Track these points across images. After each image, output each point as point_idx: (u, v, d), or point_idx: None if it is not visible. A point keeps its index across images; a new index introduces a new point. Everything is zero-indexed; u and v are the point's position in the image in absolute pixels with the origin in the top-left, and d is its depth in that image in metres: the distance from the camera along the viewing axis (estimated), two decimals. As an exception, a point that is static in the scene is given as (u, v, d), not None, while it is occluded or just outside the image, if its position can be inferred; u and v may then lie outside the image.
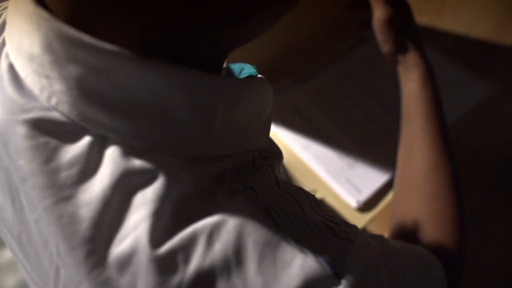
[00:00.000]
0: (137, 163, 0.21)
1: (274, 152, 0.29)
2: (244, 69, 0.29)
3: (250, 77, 0.27)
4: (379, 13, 0.49)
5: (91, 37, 0.20)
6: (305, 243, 0.23)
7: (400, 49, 0.50)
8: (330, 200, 0.57)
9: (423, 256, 0.33)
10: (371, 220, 0.56)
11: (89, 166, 0.21)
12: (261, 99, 0.26)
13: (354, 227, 0.27)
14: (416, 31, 0.51)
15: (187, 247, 0.21)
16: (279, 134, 0.62)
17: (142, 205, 0.21)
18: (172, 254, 0.20)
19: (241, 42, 0.24)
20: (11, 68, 0.23)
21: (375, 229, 0.55)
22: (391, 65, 0.52)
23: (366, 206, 0.57)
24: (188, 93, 0.21)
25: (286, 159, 0.60)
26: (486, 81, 0.71)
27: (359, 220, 0.55)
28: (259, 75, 0.28)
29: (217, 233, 0.21)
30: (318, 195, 0.57)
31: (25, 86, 0.22)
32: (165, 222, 0.21)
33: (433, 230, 0.41)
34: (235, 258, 0.21)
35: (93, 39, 0.20)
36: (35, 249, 0.24)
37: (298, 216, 0.24)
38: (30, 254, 0.25)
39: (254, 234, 0.21)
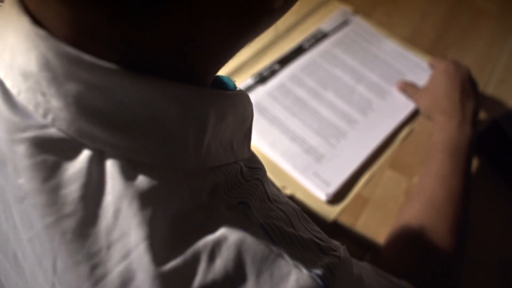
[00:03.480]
0: (137, 178, 0.22)
1: (257, 163, 0.30)
2: (223, 80, 0.30)
3: (234, 90, 0.28)
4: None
5: (90, 55, 0.20)
6: (298, 258, 0.24)
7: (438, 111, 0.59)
8: (300, 195, 0.57)
9: None
10: (342, 212, 0.56)
11: (90, 182, 0.22)
12: (243, 112, 0.27)
13: (337, 244, 0.28)
14: (465, 97, 0.60)
15: (190, 263, 0.22)
16: (244, 134, 0.62)
17: (143, 221, 0.21)
18: (176, 271, 0.21)
19: (232, 55, 0.26)
20: (1, 85, 0.23)
21: (346, 220, 0.56)
22: (428, 112, 0.63)
23: (336, 198, 0.57)
24: (182, 108, 0.22)
25: (254, 159, 0.60)
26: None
27: (330, 212, 0.56)
28: (238, 88, 0.29)
29: (218, 249, 0.22)
30: (288, 192, 0.57)
31: (18, 103, 0.22)
32: (166, 238, 0.22)
33: (424, 262, 0.44)
34: (235, 274, 0.22)
35: (92, 58, 0.20)
36: (30, 266, 0.25)
37: (290, 232, 0.25)
38: (26, 271, 0.25)
39: (253, 251, 0.23)
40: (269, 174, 0.58)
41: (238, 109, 0.26)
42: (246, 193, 0.26)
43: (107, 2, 0.19)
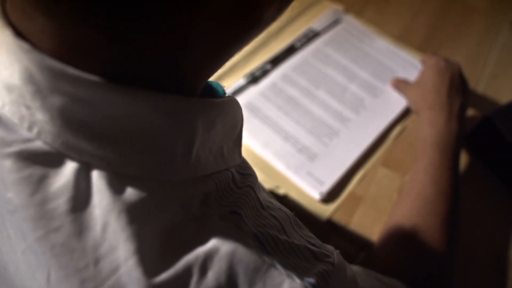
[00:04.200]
0: (126, 191, 0.22)
1: (248, 170, 0.30)
2: (212, 86, 0.30)
3: (223, 97, 0.28)
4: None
5: (74, 68, 0.20)
6: (291, 267, 0.24)
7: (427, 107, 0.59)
8: (293, 195, 0.57)
9: None
10: (336, 210, 0.56)
11: (77, 195, 0.22)
12: (232, 119, 0.27)
13: (331, 249, 0.28)
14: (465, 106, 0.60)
15: (182, 276, 0.21)
16: (237, 135, 0.62)
17: (132, 235, 0.21)
18: (167, 284, 0.21)
19: (222, 64, 0.25)
20: None
21: (340, 219, 0.56)
22: (416, 107, 0.63)
23: (329, 196, 0.57)
24: (169, 119, 0.22)
25: (247, 158, 0.60)
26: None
27: (324, 211, 0.56)
28: (227, 94, 0.29)
29: (210, 262, 0.22)
30: (281, 191, 0.57)
31: (2, 116, 0.22)
32: (156, 251, 0.22)
33: (414, 258, 0.45)
34: (227, 286, 0.22)
35: (77, 71, 0.20)
36: (21, 279, 0.24)
37: (283, 240, 0.25)
38: (16, 285, 0.25)
39: (245, 262, 0.23)
40: (263, 174, 0.58)
41: (227, 116, 0.26)
42: (237, 202, 0.25)
43: (92, 17, 0.18)
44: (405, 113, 0.67)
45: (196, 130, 0.23)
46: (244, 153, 0.64)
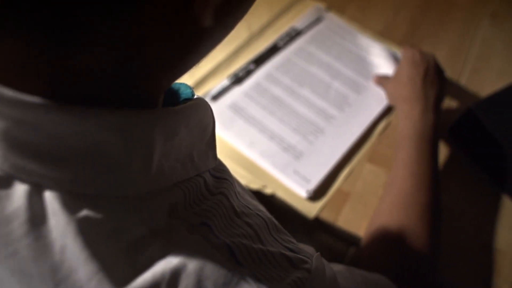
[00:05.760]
0: (82, 211, 0.21)
1: (224, 173, 0.29)
2: (180, 89, 0.29)
3: (187, 101, 0.27)
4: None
5: (11, 90, 0.19)
6: (264, 278, 0.23)
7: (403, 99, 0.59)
8: (280, 194, 0.57)
9: (379, 284, 0.36)
10: (323, 208, 0.56)
11: (31, 218, 0.21)
12: (200, 121, 0.26)
13: (309, 254, 0.27)
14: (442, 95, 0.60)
15: None
16: (223, 136, 0.62)
17: (92, 255, 0.21)
18: None
19: (181, 74, 0.24)
20: None
21: (327, 216, 0.56)
22: (393, 101, 0.63)
23: (316, 194, 0.57)
24: (122, 135, 0.21)
25: (233, 159, 0.60)
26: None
27: (311, 209, 0.56)
28: (196, 96, 0.28)
29: (177, 279, 0.21)
30: (268, 191, 0.57)
31: None
32: (121, 268, 0.21)
33: (398, 253, 0.44)
34: None
35: (14, 93, 0.19)
36: None
37: (257, 249, 0.25)
38: None
39: (214, 276, 0.22)
40: (249, 174, 0.58)
41: (193, 120, 0.25)
42: (208, 212, 0.25)
43: (27, 34, 0.18)
44: (390, 109, 0.67)
45: (154, 142, 0.22)
46: (230, 154, 0.64)
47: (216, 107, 0.64)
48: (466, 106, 0.60)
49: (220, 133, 0.62)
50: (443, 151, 0.62)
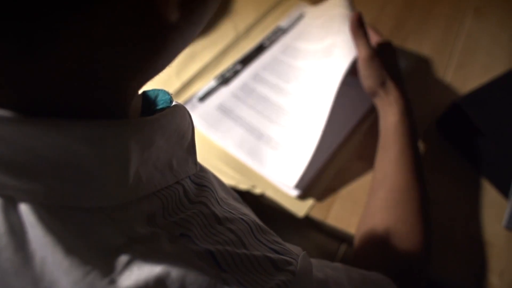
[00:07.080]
0: (58, 223, 0.21)
1: (205, 180, 0.29)
2: (158, 96, 0.29)
3: (163, 109, 0.27)
4: (362, 52, 0.56)
5: None
6: (248, 283, 0.23)
7: (381, 84, 0.56)
8: (270, 193, 0.57)
9: (378, 284, 0.35)
10: (313, 206, 0.56)
11: (9, 231, 0.21)
12: (177, 129, 0.26)
13: (295, 255, 0.27)
14: (398, 69, 0.58)
15: None
16: (210, 137, 0.62)
17: (72, 266, 0.21)
18: None
19: (150, 76, 0.24)
20: None
21: (317, 214, 0.56)
22: (371, 98, 0.59)
23: (306, 193, 0.57)
24: (95, 146, 0.21)
25: (222, 160, 0.60)
26: (403, 54, 0.74)
27: (301, 208, 0.56)
28: (174, 102, 0.28)
29: (161, 287, 0.21)
30: (258, 191, 0.57)
31: None
32: (103, 278, 0.21)
33: (395, 251, 0.44)
34: None
35: None
36: None
37: (241, 254, 0.25)
38: None
39: (197, 283, 0.22)
40: (238, 174, 0.58)
41: (168, 129, 0.25)
42: (188, 223, 0.25)
43: None
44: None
45: (129, 152, 0.22)
46: (218, 155, 0.64)
47: (204, 108, 0.64)
48: (452, 100, 0.60)
49: (208, 134, 0.62)
50: (431, 144, 0.62)
